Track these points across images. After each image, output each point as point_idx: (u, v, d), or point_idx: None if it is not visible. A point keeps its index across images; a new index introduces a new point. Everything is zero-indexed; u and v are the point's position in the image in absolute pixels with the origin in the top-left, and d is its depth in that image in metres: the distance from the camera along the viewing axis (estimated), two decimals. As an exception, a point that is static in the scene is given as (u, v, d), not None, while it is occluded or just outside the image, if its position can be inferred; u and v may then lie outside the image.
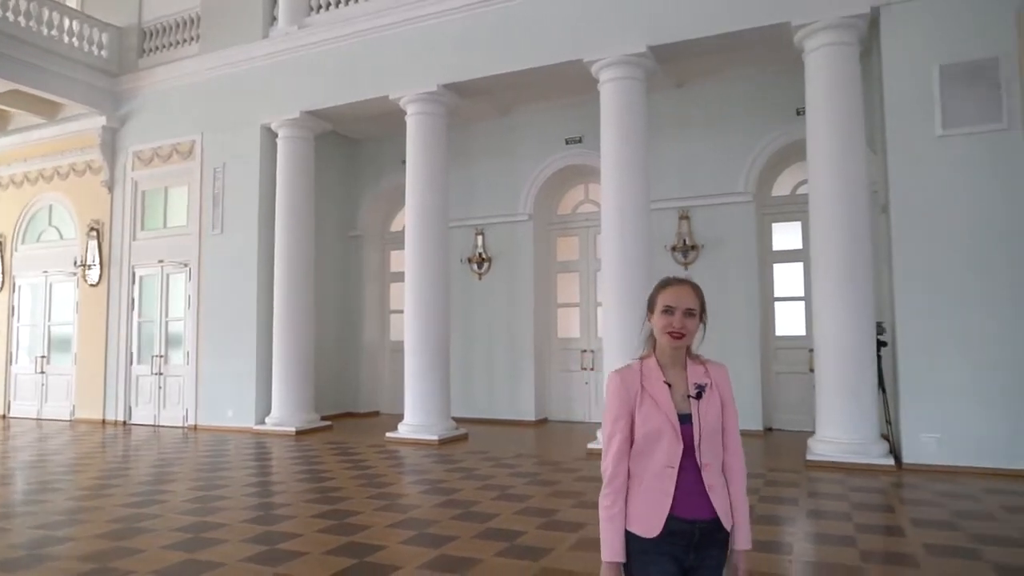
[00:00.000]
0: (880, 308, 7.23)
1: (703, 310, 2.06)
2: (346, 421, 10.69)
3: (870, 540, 4.48)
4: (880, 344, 7.07)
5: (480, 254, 10.56)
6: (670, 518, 1.95)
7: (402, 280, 11.37)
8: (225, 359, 10.09)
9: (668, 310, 2.03)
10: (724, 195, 9.23)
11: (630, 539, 1.98)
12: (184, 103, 10.81)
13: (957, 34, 6.64)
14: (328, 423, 10.03)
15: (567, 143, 10.12)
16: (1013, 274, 6.34)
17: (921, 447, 6.55)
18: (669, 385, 2.02)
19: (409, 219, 9.07)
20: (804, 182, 9.15)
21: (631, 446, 2.01)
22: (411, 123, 9.04)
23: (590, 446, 7.74)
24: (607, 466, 2.03)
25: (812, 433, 7.28)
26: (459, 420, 9.36)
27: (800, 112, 8.25)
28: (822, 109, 7.12)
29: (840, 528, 4.72)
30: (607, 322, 7.92)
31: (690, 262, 9.38)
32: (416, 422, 8.72)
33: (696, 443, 1.98)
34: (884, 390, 7.19)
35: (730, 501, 2.01)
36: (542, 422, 10.24)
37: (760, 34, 7.49)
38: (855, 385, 6.79)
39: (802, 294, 9.21)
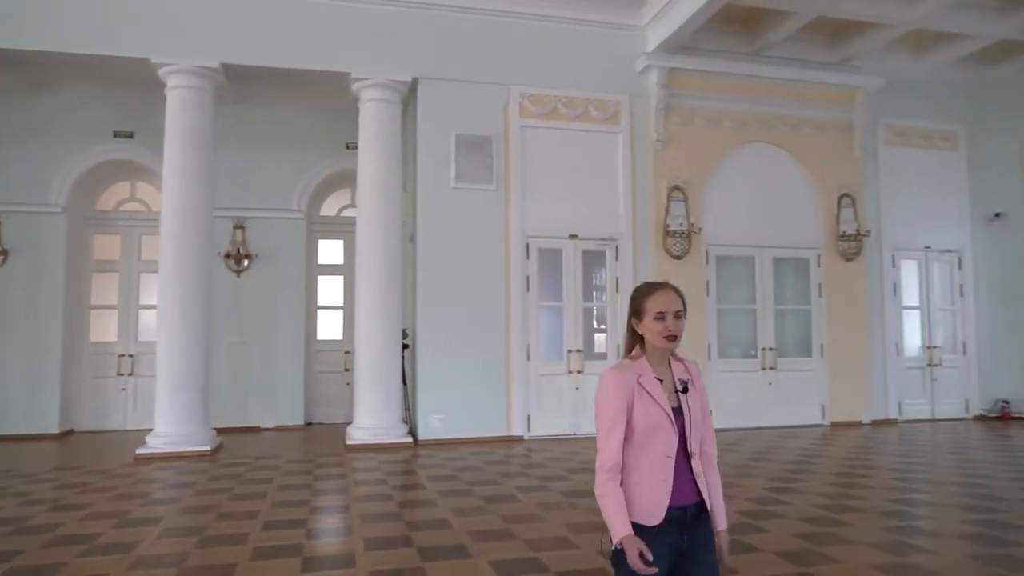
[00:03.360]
0: (405, 317, 8.98)
1: (685, 309, 2.17)
2: None
3: (403, 494, 5.93)
4: (404, 346, 8.83)
5: (-7, 246, 9.14)
6: (668, 506, 2.08)
7: None
8: None
9: (661, 316, 2.12)
10: (279, 210, 10.05)
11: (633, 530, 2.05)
12: None
13: (468, 112, 8.82)
14: None
15: (116, 136, 9.58)
16: (483, 291, 8.68)
17: (431, 426, 8.47)
18: (660, 381, 2.15)
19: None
20: (348, 206, 10.63)
21: (625, 440, 2.10)
22: (-89, 83, 7.49)
23: (139, 451, 7.65)
24: (610, 457, 2.09)
25: (349, 423, 8.65)
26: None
27: (349, 146, 9.65)
28: (370, 150, 8.57)
29: (380, 489, 6.06)
30: (166, 325, 7.93)
31: (243, 270, 9.91)
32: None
33: (687, 434, 2.14)
34: (406, 383, 8.96)
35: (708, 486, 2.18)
36: (68, 434, 9.38)
37: (325, 75, 8.60)
38: (385, 380, 8.37)
39: (342, 303, 10.60)
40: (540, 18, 9.00)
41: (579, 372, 8.91)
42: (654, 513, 2.07)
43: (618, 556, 2.06)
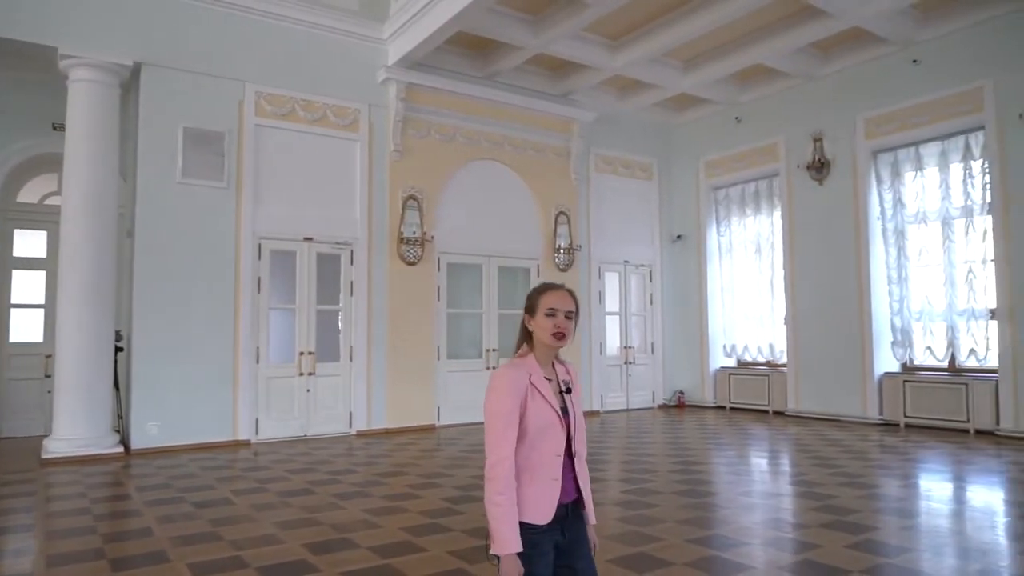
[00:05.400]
0: (120, 317, 8.34)
1: (577, 313, 2.23)
2: None
3: (103, 507, 5.59)
4: (119, 349, 8.21)
5: None
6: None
7: None
8: None
9: (552, 312, 2.15)
10: (-39, 193, 8.73)
11: (521, 529, 2.04)
12: None
13: (199, 105, 8.45)
14: None
15: None
16: (210, 292, 8.39)
17: (146, 434, 7.97)
18: (548, 381, 2.20)
19: None
20: (53, 193, 9.56)
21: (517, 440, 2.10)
22: None
23: None
24: (505, 457, 2.05)
25: (48, 435, 7.82)
26: None
27: (56, 127, 8.69)
28: (81, 135, 7.83)
29: (77, 504, 5.65)
30: None
31: (-91, 260, 8.45)
32: None
33: (572, 433, 2.18)
34: (118, 389, 8.32)
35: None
36: None
37: (26, 46, 7.68)
38: (93, 386, 7.72)
39: (42, 302, 9.48)
40: (281, 18, 8.93)
41: (310, 374, 8.98)
42: (545, 512, 2.09)
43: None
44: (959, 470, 6.86)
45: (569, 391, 2.22)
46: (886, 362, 9.76)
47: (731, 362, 11.99)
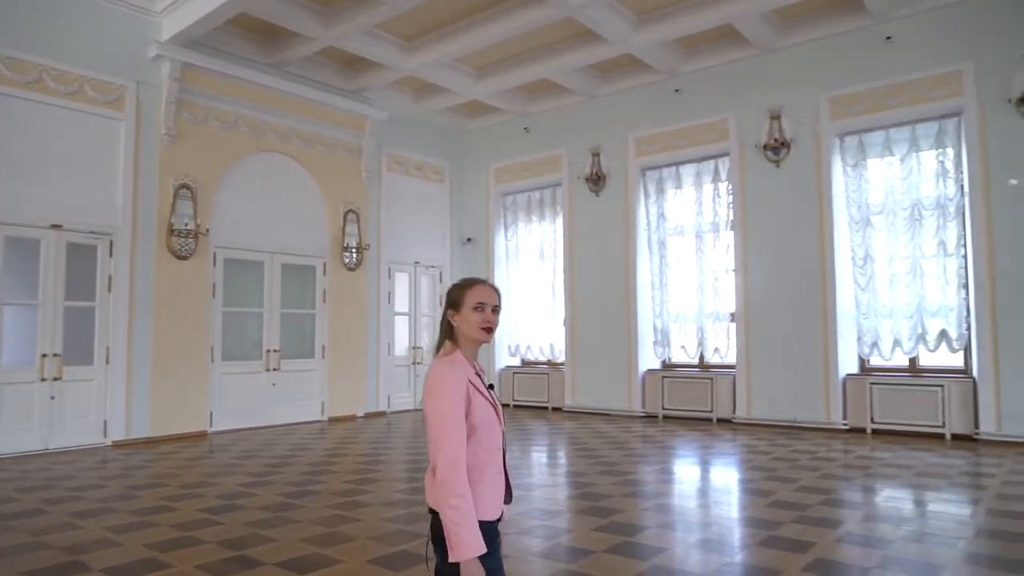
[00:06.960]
0: None
1: (499, 307, 2.22)
2: None
3: None
4: None
5: None
6: None
7: None
8: None
9: (480, 307, 2.12)
10: None
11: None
12: None
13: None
14: None
15: None
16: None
17: None
18: (479, 377, 2.17)
19: None
20: None
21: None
22: None
23: None
24: (459, 460, 1.97)
25: None
26: None
27: None
28: None
29: None
30: None
31: None
32: None
33: (502, 429, 2.19)
34: None
35: None
36: None
37: None
38: None
39: None
40: (26, -28, 7.85)
41: (56, 379, 7.95)
42: (496, 507, 2.10)
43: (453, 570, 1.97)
44: (702, 455, 7.75)
45: (492, 387, 2.24)
46: (648, 360, 10.77)
47: (515, 361, 12.53)
